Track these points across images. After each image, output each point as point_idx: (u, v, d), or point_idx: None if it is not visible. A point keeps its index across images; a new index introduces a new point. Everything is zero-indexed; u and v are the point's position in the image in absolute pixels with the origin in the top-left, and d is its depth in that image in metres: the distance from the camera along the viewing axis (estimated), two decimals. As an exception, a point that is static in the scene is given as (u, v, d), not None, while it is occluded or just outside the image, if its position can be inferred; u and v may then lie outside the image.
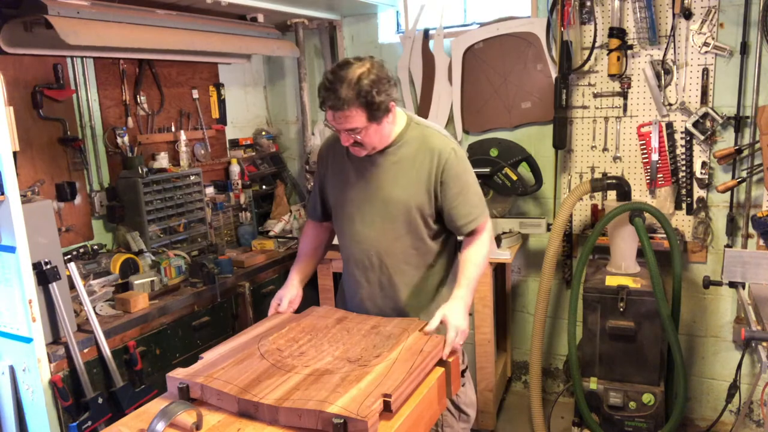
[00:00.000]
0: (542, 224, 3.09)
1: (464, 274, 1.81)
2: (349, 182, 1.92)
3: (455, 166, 1.83)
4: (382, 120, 1.75)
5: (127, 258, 2.56)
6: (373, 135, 1.77)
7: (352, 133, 1.73)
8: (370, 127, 1.74)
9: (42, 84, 2.49)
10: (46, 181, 2.52)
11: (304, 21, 3.45)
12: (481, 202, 1.90)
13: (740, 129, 2.80)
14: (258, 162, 3.67)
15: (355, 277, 1.97)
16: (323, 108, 1.73)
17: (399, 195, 1.85)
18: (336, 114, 1.70)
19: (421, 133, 1.87)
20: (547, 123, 3.15)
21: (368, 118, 1.71)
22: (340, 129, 1.74)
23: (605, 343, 2.67)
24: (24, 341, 2.02)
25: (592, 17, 2.96)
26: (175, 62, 3.12)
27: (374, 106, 1.69)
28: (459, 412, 2.02)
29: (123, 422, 1.46)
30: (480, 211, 1.88)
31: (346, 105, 1.66)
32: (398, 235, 1.87)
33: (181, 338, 2.56)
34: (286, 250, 3.22)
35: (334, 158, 1.99)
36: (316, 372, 1.49)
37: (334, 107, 1.68)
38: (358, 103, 1.67)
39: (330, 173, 1.99)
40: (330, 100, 1.68)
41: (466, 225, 1.86)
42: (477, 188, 1.90)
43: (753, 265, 2.32)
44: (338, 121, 1.71)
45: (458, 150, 1.87)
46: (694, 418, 3.15)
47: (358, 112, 1.68)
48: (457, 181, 1.84)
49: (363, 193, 1.89)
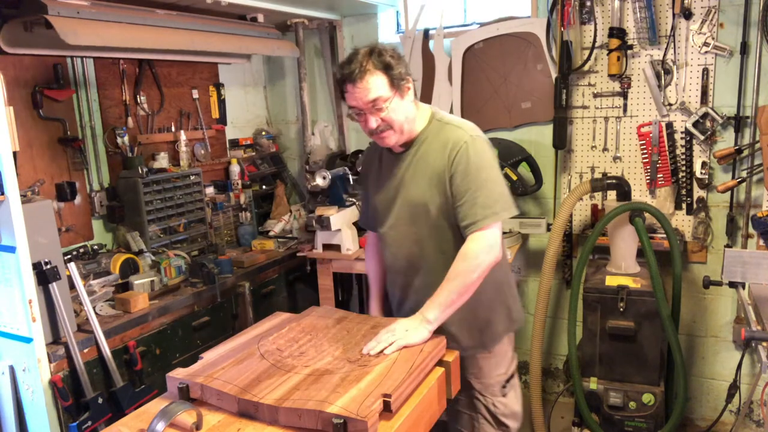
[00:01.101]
0: (542, 224, 3.09)
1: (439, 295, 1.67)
2: (379, 185, 1.88)
3: (469, 158, 1.70)
4: (404, 92, 1.71)
5: (127, 258, 2.56)
6: (399, 111, 1.71)
7: (377, 109, 1.68)
8: (393, 99, 1.69)
9: (42, 84, 2.50)
10: (46, 181, 2.52)
11: (304, 21, 3.45)
12: (494, 201, 1.70)
13: (740, 129, 2.80)
14: (258, 162, 3.67)
15: (391, 282, 1.94)
16: (344, 91, 1.69)
17: (419, 196, 1.78)
18: (357, 87, 1.65)
19: (440, 128, 1.79)
20: (547, 123, 3.15)
21: (390, 85, 1.67)
22: (365, 106, 1.68)
23: (605, 343, 2.66)
24: (24, 341, 2.02)
25: (592, 17, 2.96)
26: (175, 62, 3.13)
27: (393, 70, 1.67)
28: (497, 424, 1.90)
29: (123, 422, 1.46)
30: (488, 213, 1.68)
31: (367, 71, 1.65)
32: (422, 237, 1.80)
33: (181, 338, 2.56)
34: (286, 250, 3.22)
35: (369, 167, 1.97)
36: (316, 372, 1.49)
37: (354, 78, 1.64)
38: (378, 68, 1.65)
39: (369, 180, 1.96)
40: (349, 72, 1.65)
41: (468, 227, 1.70)
42: (491, 186, 1.71)
43: (753, 265, 2.31)
44: (361, 94, 1.66)
45: (475, 142, 1.73)
46: (694, 418, 3.15)
47: (379, 77, 1.66)
48: (467, 176, 1.70)
49: (389, 194, 1.85)
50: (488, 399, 1.90)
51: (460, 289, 1.68)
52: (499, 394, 1.91)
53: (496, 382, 1.90)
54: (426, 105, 1.86)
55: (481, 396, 1.90)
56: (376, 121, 1.70)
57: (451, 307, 1.69)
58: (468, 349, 1.84)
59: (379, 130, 1.72)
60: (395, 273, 1.91)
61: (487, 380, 1.89)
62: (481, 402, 1.91)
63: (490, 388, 1.90)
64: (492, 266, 1.72)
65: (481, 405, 1.91)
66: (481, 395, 1.90)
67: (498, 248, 1.72)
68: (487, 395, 1.90)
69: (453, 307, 1.69)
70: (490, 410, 1.90)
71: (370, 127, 1.72)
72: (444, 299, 1.67)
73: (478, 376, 1.89)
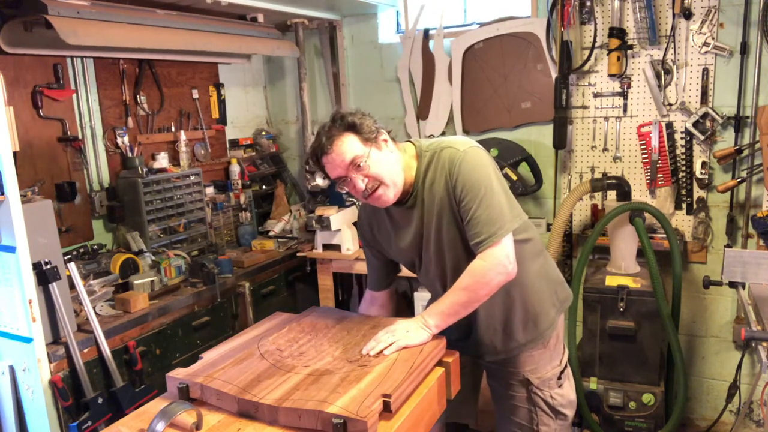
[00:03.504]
0: (542, 224, 3.09)
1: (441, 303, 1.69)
2: (400, 236, 1.85)
3: (463, 177, 1.67)
4: (380, 144, 1.69)
5: (127, 258, 2.57)
6: (382, 163, 1.67)
7: (358, 167, 1.65)
8: (371, 154, 1.66)
9: (42, 84, 2.50)
10: (46, 181, 2.52)
11: (304, 21, 3.45)
12: (497, 216, 1.66)
13: (740, 129, 2.80)
14: (258, 162, 3.68)
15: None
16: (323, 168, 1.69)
17: (443, 234, 1.75)
18: (331, 155, 1.65)
19: (431, 158, 1.74)
20: (547, 123, 3.15)
21: (363, 141, 1.66)
22: (346, 170, 1.66)
23: (605, 343, 2.66)
24: (24, 341, 2.02)
25: (592, 17, 2.96)
26: (175, 62, 3.13)
27: (359, 127, 1.66)
28: (555, 414, 1.92)
29: (123, 422, 1.46)
30: (494, 230, 1.64)
31: (334, 136, 1.64)
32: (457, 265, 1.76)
33: (181, 338, 2.56)
34: (286, 250, 3.22)
35: (378, 224, 1.91)
36: (315, 372, 1.49)
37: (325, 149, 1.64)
38: (344, 129, 1.65)
39: (381, 236, 1.92)
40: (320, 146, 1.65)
41: (476, 246, 1.67)
42: (493, 199, 1.67)
43: (753, 265, 2.31)
44: (337, 159, 1.65)
45: (467, 155, 1.69)
46: (694, 418, 3.15)
47: (348, 137, 1.65)
48: (467, 194, 1.67)
49: (416, 242, 1.82)
50: (546, 392, 1.91)
51: (465, 303, 1.68)
52: (556, 386, 1.92)
53: (552, 375, 1.91)
54: (406, 143, 1.82)
55: (539, 390, 1.90)
56: (363, 180, 1.67)
57: (454, 317, 1.69)
58: (526, 344, 1.85)
59: (370, 190, 1.69)
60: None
61: (544, 374, 1.90)
62: (539, 396, 1.91)
63: (547, 382, 1.91)
64: (504, 283, 1.70)
65: (540, 399, 1.91)
66: (539, 389, 1.90)
67: (510, 263, 1.69)
68: (544, 389, 1.91)
69: (456, 317, 1.69)
70: (548, 403, 1.91)
71: (359, 190, 1.69)
72: (448, 309, 1.67)
73: (534, 372, 1.89)
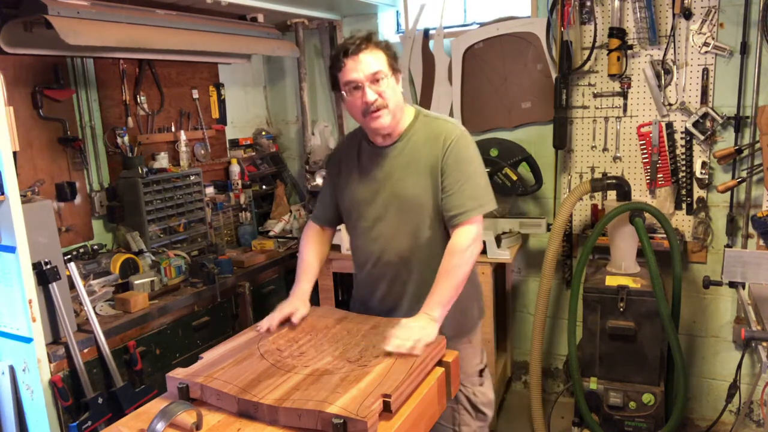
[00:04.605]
0: (542, 224, 3.09)
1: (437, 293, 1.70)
2: (361, 181, 1.88)
3: (459, 150, 1.76)
4: (398, 79, 1.77)
5: (127, 258, 2.57)
6: (394, 92, 1.74)
7: (377, 80, 1.70)
8: (390, 79, 1.73)
9: (42, 84, 2.50)
10: (46, 181, 2.52)
11: (304, 21, 3.45)
12: (481, 194, 1.77)
13: (740, 129, 2.80)
14: (258, 162, 3.68)
15: (373, 277, 1.92)
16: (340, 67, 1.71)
17: (410, 191, 1.80)
18: (358, 58, 1.69)
19: (428, 123, 1.84)
20: (547, 123, 3.15)
21: (389, 64, 1.73)
22: (365, 78, 1.69)
23: (605, 343, 2.66)
24: (24, 341, 2.02)
25: (592, 17, 2.96)
26: (175, 62, 3.13)
27: (391, 50, 1.74)
28: (476, 412, 1.98)
29: (123, 422, 1.46)
30: (475, 205, 1.75)
31: (369, 46, 1.70)
32: (413, 230, 1.82)
33: (181, 338, 2.56)
34: (286, 250, 3.22)
35: (346, 160, 1.94)
36: (315, 372, 1.49)
37: (356, 50, 1.68)
38: (379, 47, 1.73)
39: (343, 174, 1.94)
40: (351, 44, 1.70)
41: (455, 217, 1.75)
42: (479, 179, 1.78)
43: (753, 265, 2.32)
44: (362, 65, 1.68)
45: (465, 136, 1.80)
46: (694, 418, 3.15)
47: (380, 54, 1.72)
48: (457, 168, 1.76)
49: (372, 188, 1.85)
50: (468, 389, 1.97)
51: (455, 284, 1.72)
52: (477, 383, 1.98)
53: (474, 371, 1.98)
54: (409, 104, 1.89)
55: (462, 387, 1.95)
56: (374, 94, 1.71)
57: (450, 304, 1.72)
58: (452, 338, 1.85)
59: (375, 107, 1.72)
60: (383, 266, 1.88)
61: (467, 369, 1.94)
62: (462, 392, 1.96)
63: (470, 378, 1.96)
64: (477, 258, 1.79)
65: (462, 395, 1.97)
66: (462, 386, 1.94)
67: (481, 241, 1.80)
68: (467, 385, 1.96)
69: (451, 303, 1.73)
70: (470, 399, 1.96)
71: (367, 101, 1.71)
72: (444, 297, 1.70)
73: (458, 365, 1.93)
